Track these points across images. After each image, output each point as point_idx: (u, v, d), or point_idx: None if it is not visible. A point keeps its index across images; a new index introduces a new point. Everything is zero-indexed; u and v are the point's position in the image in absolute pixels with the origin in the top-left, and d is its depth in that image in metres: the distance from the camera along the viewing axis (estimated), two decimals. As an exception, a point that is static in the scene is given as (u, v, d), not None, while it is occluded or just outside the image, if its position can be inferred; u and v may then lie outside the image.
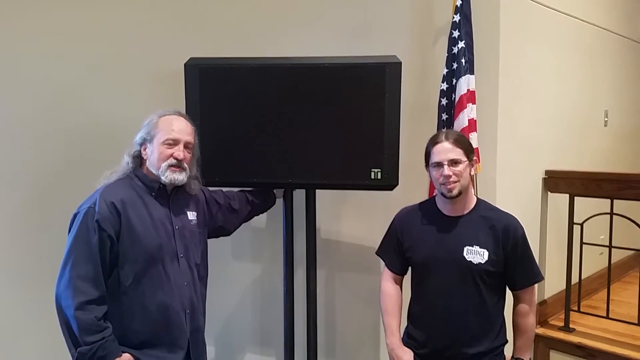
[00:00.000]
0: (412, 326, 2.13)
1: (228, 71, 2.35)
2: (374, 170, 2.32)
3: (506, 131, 2.82)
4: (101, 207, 1.86)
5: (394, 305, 2.17)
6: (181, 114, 2.07)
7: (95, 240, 1.84)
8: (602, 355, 2.90)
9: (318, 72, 2.30)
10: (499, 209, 2.12)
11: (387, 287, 2.19)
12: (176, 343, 1.99)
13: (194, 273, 2.08)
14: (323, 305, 2.85)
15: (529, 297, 2.08)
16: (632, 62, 4.50)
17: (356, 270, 2.89)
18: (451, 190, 1.97)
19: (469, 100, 2.48)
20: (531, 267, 2.06)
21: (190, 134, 2.04)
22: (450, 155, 1.97)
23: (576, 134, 3.69)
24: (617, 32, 4.16)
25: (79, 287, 1.81)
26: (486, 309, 2.01)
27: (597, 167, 3.83)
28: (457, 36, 2.53)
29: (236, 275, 2.95)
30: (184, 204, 2.10)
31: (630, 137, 4.54)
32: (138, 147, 2.01)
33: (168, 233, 1.99)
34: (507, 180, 2.84)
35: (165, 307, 1.96)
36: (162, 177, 1.97)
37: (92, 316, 1.81)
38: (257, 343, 3.02)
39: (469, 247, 1.99)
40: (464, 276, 1.99)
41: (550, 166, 3.29)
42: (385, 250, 2.23)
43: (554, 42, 3.34)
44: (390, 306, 2.16)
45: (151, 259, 1.93)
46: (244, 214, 2.37)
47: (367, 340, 2.93)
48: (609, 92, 4.15)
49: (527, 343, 2.11)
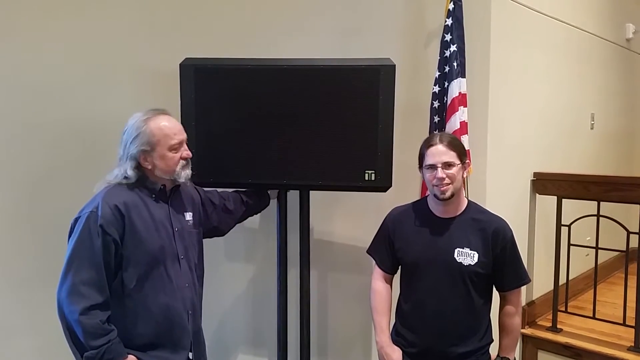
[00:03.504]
0: (401, 325, 2.16)
1: (223, 72, 2.35)
2: (368, 172, 2.34)
3: (496, 134, 2.86)
4: (104, 211, 1.84)
5: (384, 303, 2.19)
6: (164, 111, 2.00)
7: (98, 245, 1.82)
8: (588, 355, 2.96)
9: (312, 73, 2.32)
10: (489, 211, 2.16)
11: (378, 286, 2.21)
12: (179, 344, 2.00)
13: (193, 273, 2.09)
14: (316, 305, 2.86)
15: (516, 298, 2.13)
16: (618, 66, 4.58)
17: (349, 271, 2.91)
18: (444, 192, 2.00)
19: (461, 103, 2.52)
20: (519, 270, 2.11)
21: (182, 129, 2.02)
22: (444, 158, 2.00)
23: (564, 136, 3.75)
24: (604, 37, 4.24)
25: (82, 292, 1.80)
26: (474, 309, 2.05)
27: (584, 170, 3.90)
28: (449, 39, 2.56)
29: (230, 275, 2.96)
30: (181, 205, 2.11)
31: (616, 140, 4.62)
32: (136, 159, 1.94)
33: (169, 234, 1.99)
34: (496, 182, 2.89)
35: (168, 309, 1.96)
36: (179, 179, 1.98)
37: (97, 320, 1.80)
38: (250, 343, 3.03)
39: (460, 249, 2.03)
40: (454, 277, 2.03)
41: (538, 168, 3.34)
42: (376, 249, 2.25)
43: (543, 46, 3.39)
44: (380, 304, 2.19)
45: (154, 261, 1.93)
46: (238, 214, 2.38)
47: (359, 340, 2.95)
48: (596, 96, 4.22)
49: (512, 342, 2.16)
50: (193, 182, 2.24)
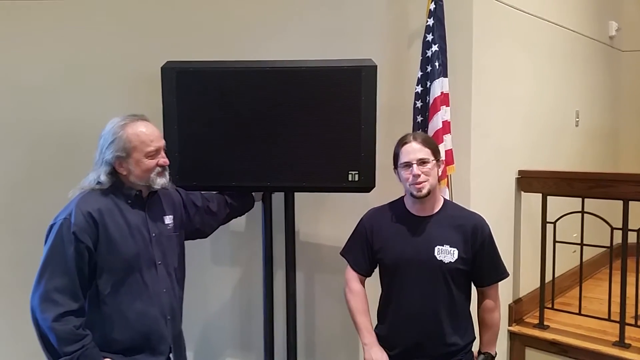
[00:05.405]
0: (383, 327, 2.16)
1: (205, 74, 2.35)
2: (352, 173, 2.35)
3: (480, 132, 2.88)
4: (77, 218, 1.83)
5: (364, 304, 2.18)
6: (142, 117, 1.98)
7: (71, 252, 1.81)
8: (575, 351, 2.98)
9: (295, 75, 2.32)
10: (465, 208, 2.19)
11: (355, 287, 2.19)
12: (157, 350, 1.99)
13: (172, 278, 2.08)
14: (303, 306, 2.86)
15: (495, 292, 2.16)
16: (602, 63, 4.61)
17: (336, 272, 2.89)
18: (420, 189, 2.00)
19: (443, 103, 2.52)
20: (498, 264, 2.14)
21: (160, 135, 2.01)
22: (419, 155, 2.01)
23: (549, 134, 3.77)
24: (587, 35, 4.27)
25: (55, 299, 1.79)
26: (456, 307, 2.07)
27: (570, 167, 3.93)
28: (431, 39, 2.57)
29: (216, 278, 2.95)
30: (160, 209, 2.09)
31: (601, 136, 4.65)
32: (110, 165, 1.92)
33: (145, 241, 1.98)
34: (481, 180, 2.90)
35: (144, 315, 1.95)
36: (153, 185, 1.96)
37: (70, 326, 1.79)
38: (237, 346, 3.02)
39: (440, 247, 2.04)
40: (436, 276, 2.03)
41: (524, 166, 3.35)
42: (350, 250, 2.23)
43: (527, 45, 3.41)
44: (361, 305, 2.17)
45: (129, 267, 1.92)
46: (222, 216, 2.37)
47: (346, 341, 2.95)
48: (580, 93, 4.25)
49: (493, 337, 2.18)
50: (175, 185, 2.23)
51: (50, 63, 2.71)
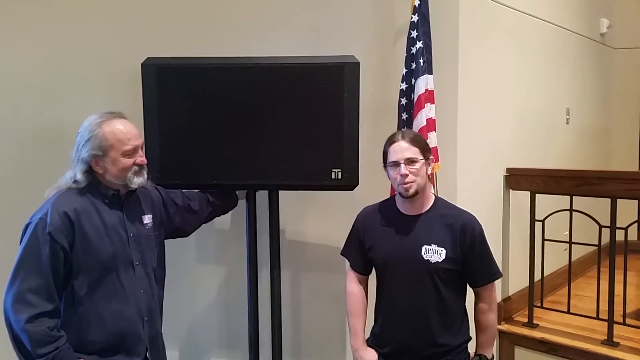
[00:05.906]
0: (377, 325, 2.15)
1: (186, 71, 2.33)
2: (335, 171, 2.33)
3: (466, 130, 2.86)
4: (53, 218, 1.81)
5: (358, 306, 2.18)
6: (120, 114, 1.95)
7: (46, 252, 1.78)
8: (564, 350, 2.96)
9: (277, 72, 2.30)
10: (456, 206, 2.14)
11: (352, 288, 2.19)
12: (133, 351, 1.96)
13: (151, 279, 2.05)
14: (289, 306, 2.84)
15: (489, 293, 2.11)
16: (591, 60, 4.60)
17: (321, 271, 2.89)
18: (408, 189, 1.98)
19: (427, 100, 2.50)
20: (490, 264, 2.09)
21: (138, 133, 1.98)
22: (407, 154, 1.98)
23: (539, 131, 3.75)
24: (577, 32, 4.25)
25: (29, 300, 1.76)
26: (446, 307, 2.04)
27: (561, 165, 3.91)
28: (416, 36, 2.55)
29: (200, 277, 2.93)
30: (138, 209, 2.06)
31: (592, 134, 4.64)
32: (87, 163, 1.89)
33: (122, 241, 1.95)
34: (468, 178, 2.88)
35: (120, 316, 1.92)
36: (130, 185, 1.93)
37: (44, 327, 1.76)
38: (222, 345, 3.00)
39: (427, 246, 2.01)
40: (423, 275, 2.01)
41: (514, 164, 3.33)
42: (348, 250, 2.23)
43: (515, 42, 3.39)
44: (354, 307, 2.18)
45: (105, 268, 1.89)
46: (204, 215, 2.34)
47: (333, 341, 2.93)
48: (570, 91, 4.23)
49: (489, 339, 2.14)
50: (156, 184, 2.20)
51: (29, 60, 2.68)
